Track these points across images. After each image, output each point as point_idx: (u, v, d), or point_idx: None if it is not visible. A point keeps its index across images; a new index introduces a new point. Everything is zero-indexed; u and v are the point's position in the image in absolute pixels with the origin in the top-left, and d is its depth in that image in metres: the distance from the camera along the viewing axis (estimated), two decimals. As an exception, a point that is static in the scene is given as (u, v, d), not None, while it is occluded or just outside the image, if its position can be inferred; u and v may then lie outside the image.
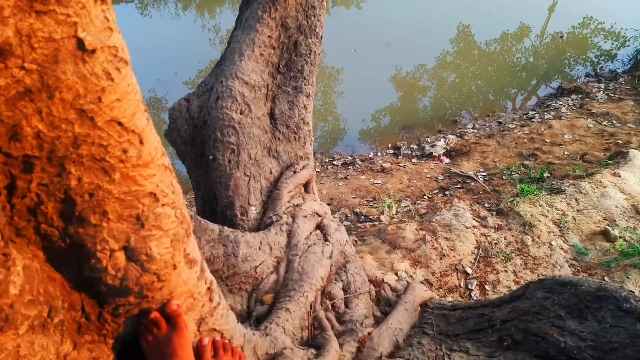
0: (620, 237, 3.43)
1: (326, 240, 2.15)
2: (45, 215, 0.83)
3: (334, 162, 5.86)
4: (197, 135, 2.20)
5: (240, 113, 2.18)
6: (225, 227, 1.87)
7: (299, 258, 1.96)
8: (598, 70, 7.47)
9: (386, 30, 8.44)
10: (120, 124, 0.82)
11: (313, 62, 2.54)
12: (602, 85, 6.73)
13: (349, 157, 5.99)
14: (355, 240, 3.55)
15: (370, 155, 6.03)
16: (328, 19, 3.27)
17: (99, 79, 0.76)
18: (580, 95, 6.55)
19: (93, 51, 0.73)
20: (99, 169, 0.82)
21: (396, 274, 3.09)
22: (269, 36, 2.34)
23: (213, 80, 2.23)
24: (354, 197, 4.68)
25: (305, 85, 2.51)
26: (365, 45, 7.89)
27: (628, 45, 7.95)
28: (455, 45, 8.58)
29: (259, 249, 1.92)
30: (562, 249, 3.39)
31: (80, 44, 0.71)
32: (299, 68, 2.46)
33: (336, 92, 7.57)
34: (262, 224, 2.14)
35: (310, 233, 2.12)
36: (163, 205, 0.95)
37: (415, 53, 7.96)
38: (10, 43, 0.64)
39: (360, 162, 5.74)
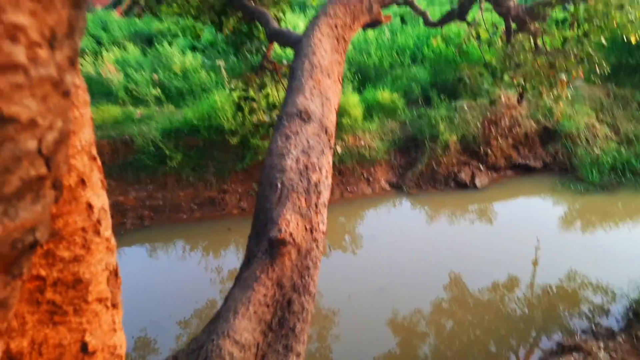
0: None
1: None
2: None
3: (326, 422, 5.24)
4: (177, 399, 2.07)
5: (227, 374, 2.12)
6: None
7: None
8: (594, 326, 7.43)
9: (379, 275, 8.78)
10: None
11: (305, 320, 2.60)
12: (602, 344, 6.60)
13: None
14: None
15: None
16: (325, 261, 3.48)
17: (91, 378, 0.81)
18: (582, 354, 6.35)
19: (94, 352, 0.81)
20: None
21: None
22: (265, 294, 2.48)
23: (204, 338, 2.24)
24: None
25: (296, 343, 2.51)
26: (360, 291, 8.09)
27: (616, 302, 8.11)
28: (448, 292, 8.79)
29: None
30: None
31: (84, 347, 0.79)
32: (291, 326, 2.50)
33: (332, 335, 7.38)
34: None
35: None
36: None
37: (410, 298, 8.10)
38: (22, 352, 0.72)
39: (355, 423, 5.13)
